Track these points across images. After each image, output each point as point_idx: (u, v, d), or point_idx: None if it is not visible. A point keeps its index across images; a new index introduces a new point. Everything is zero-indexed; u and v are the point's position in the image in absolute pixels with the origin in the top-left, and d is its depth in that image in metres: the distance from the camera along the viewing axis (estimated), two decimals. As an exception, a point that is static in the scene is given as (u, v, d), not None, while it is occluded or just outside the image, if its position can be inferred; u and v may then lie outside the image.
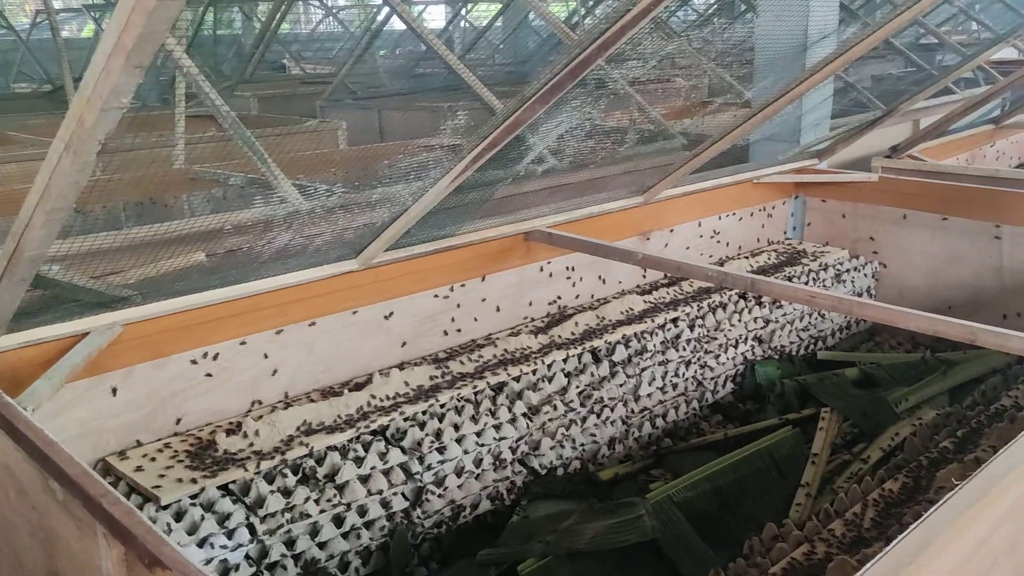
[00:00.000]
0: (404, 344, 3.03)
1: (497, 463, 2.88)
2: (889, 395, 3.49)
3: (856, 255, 4.44)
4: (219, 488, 2.34)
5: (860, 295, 4.39)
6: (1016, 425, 2.53)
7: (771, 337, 3.92)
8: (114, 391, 2.43)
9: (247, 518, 2.31)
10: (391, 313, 3.00)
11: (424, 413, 2.77)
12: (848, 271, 4.31)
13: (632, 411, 3.31)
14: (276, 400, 2.75)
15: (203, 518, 2.25)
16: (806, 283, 4.09)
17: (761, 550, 2.18)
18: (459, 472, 2.79)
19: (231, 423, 2.58)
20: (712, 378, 3.68)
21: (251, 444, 2.46)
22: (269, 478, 2.43)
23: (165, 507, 2.25)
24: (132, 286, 2.33)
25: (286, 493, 2.40)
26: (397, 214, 2.60)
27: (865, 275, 4.40)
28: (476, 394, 2.89)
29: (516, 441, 2.93)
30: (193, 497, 2.29)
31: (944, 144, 5.53)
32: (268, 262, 2.57)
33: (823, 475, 3.00)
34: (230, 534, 2.29)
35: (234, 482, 2.38)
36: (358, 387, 2.81)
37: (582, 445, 3.15)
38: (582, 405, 3.12)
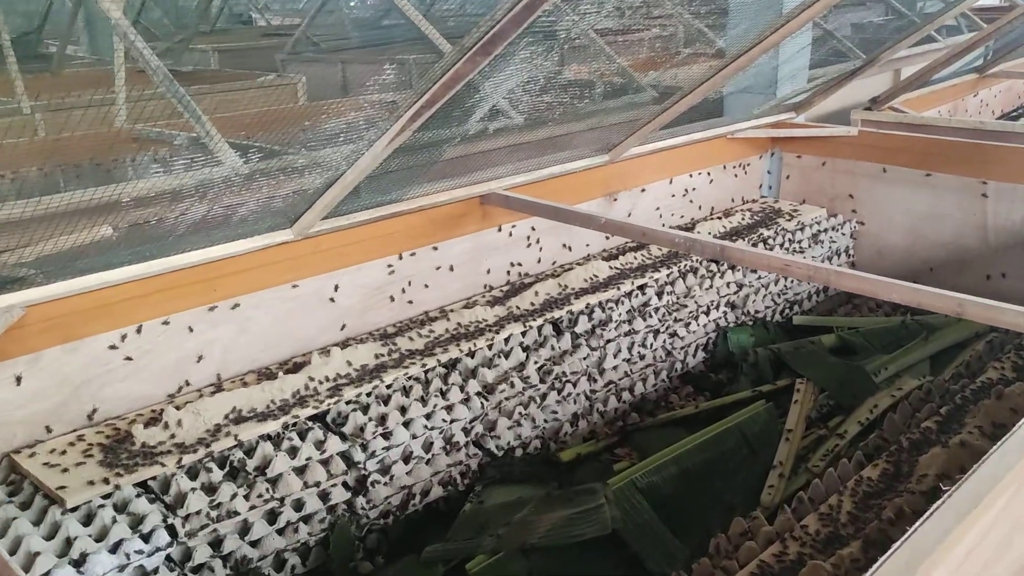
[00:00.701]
0: (349, 320, 2.80)
1: (449, 446, 2.67)
2: (868, 364, 3.31)
3: (834, 213, 4.24)
4: (135, 486, 2.12)
5: (838, 255, 4.20)
6: (1003, 402, 2.35)
7: (744, 302, 3.73)
8: (18, 379, 2.19)
9: (166, 519, 2.10)
10: (336, 286, 2.77)
11: (368, 395, 2.55)
12: (826, 231, 4.11)
13: (596, 386, 3.11)
14: (207, 384, 2.52)
15: (115, 521, 2.03)
16: (782, 245, 3.88)
17: (728, 549, 2.00)
18: (407, 458, 2.58)
19: (153, 412, 2.35)
20: (682, 347, 3.48)
21: (172, 436, 2.24)
22: (192, 473, 2.21)
23: (72, 510, 2.03)
24: (30, 264, 2.08)
25: (211, 490, 2.19)
26: (331, 180, 2.36)
27: (843, 234, 4.20)
28: (426, 373, 2.68)
29: (470, 422, 2.73)
30: (105, 497, 2.07)
31: (926, 96, 5.31)
32: (190, 233, 2.33)
33: (797, 452, 2.82)
34: (146, 537, 2.08)
35: (153, 479, 2.16)
36: (295, 368, 2.59)
37: (542, 424, 2.95)
38: (542, 381, 2.91)
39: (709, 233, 3.75)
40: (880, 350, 3.46)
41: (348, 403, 2.50)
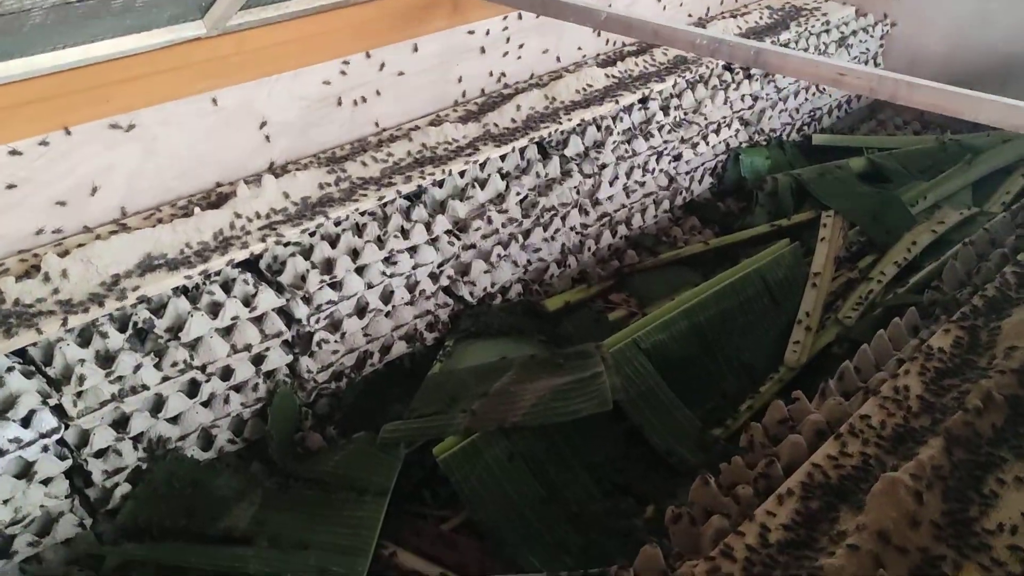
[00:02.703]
0: (285, 140, 2.25)
1: (413, 296, 2.21)
2: (903, 192, 2.84)
3: (864, 12, 3.63)
4: (8, 357, 1.65)
5: (865, 64, 3.63)
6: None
7: (759, 119, 3.19)
8: None
9: (47, 399, 1.65)
10: (267, 96, 2.20)
11: (311, 236, 2.05)
12: (855, 33, 3.52)
13: (588, 219, 2.63)
14: (103, 222, 1.99)
15: (-21, 404, 1.58)
16: (805, 50, 3.31)
17: (763, 441, 1.59)
18: (361, 311, 2.12)
19: (26, 261, 1.84)
20: (687, 172, 2.98)
21: (55, 291, 1.74)
22: (83, 339, 1.74)
23: (-79, 391, 1.57)
24: None
25: (107, 360, 1.73)
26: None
27: (872, 36, 3.61)
28: (383, 207, 2.17)
29: (438, 267, 2.25)
30: (-36, 374, 1.61)
31: None
32: (57, 24, 1.73)
33: (825, 300, 2.40)
34: (25, 422, 1.63)
35: (34, 344, 1.69)
36: (217, 202, 2.06)
37: (524, 266, 2.48)
38: (525, 216, 2.42)
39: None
40: (916, 176, 2.98)
41: (286, 246, 2.01)
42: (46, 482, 1.69)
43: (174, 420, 1.86)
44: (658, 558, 1.33)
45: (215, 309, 1.86)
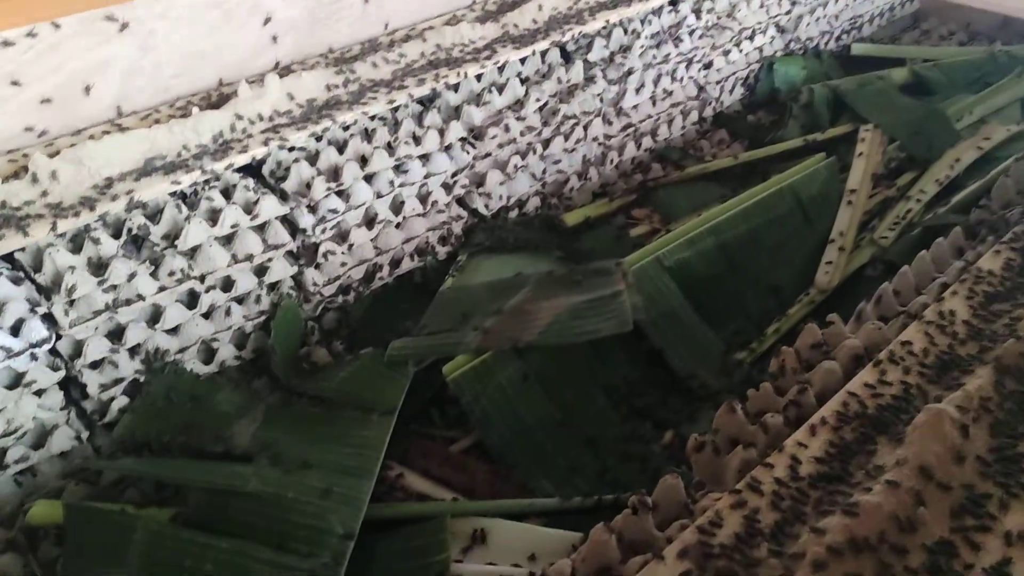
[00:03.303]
0: (291, 38, 2.11)
1: (425, 207, 2.10)
2: (948, 106, 2.67)
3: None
4: (-5, 262, 1.57)
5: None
6: None
7: (796, 25, 3.00)
8: None
9: (35, 306, 1.56)
10: (273, -11, 2.05)
11: (317, 140, 1.93)
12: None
13: (612, 130, 2.48)
14: (96, 123, 1.88)
15: (-36, 312, 1.50)
16: (848, -48, 3.09)
17: (795, 366, 1.48)
18: (369, 222, 2.01)
19: (15, 161, 1.74)
20: (718, 81, 2.81)
21: (44, 193, 1.64)
22: (75, 244, 1.65)
23: (-97, 296, 1.49)
24: None
25: (100, 267, 1.63)
26: None
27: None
28: (394, 111, 2.04)
29: (452, 176, 2.13)
30: (-52, 279, 1.53)
31: None
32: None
33: (860, 219, 2.27)
34: (14, 331, 1.55)
35: (22, 250, 1.60)
36: (218, 103, 1.94)
37: (543, 178, 2.36)
38: (545, 124, 2.29)
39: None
40: (963, 89, 2.81)
41: (290, 151, 1.89)
42: (39, 393, 1.62)
43: (173, 332, 1.77)
44: (678, 489, 1.25)
45: (214, 216, 1.75)
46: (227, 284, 1.82)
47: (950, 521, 1.13)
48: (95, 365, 1.68)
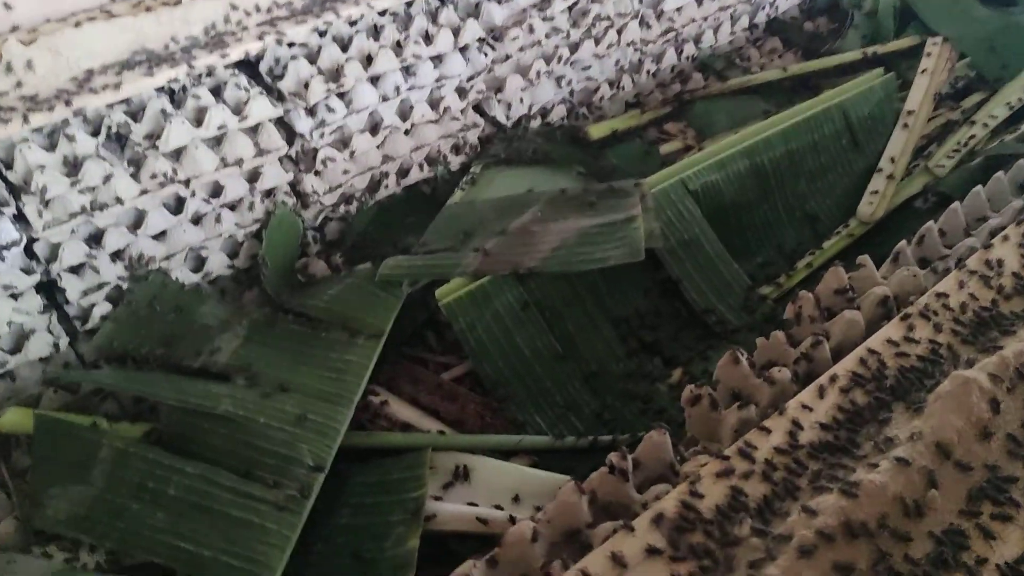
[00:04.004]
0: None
1: (438, 113, 1.95)
2: (1030, 20, 2.41)
3: None
4: (-37, 157, 1.48)
5: None
6: None
7: (868, -78, 2.71)
8: None
9: (3, 205, 1.48)
10: None
11: (320, 36, 1.78)
12: None
13: (650, 34, 2.28)
14: (75, 9, 1.75)
15: (-72, 210, 1.42)
16: None
17: (813, 314, 1.33)
18: (374, 128, 1.88)
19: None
20: (774, -16, 2.57)
21: (18, 84, 1.54)
22: (50, 141, 1.54)
23: None
24: None
25: (75, 166, 1.53)
26: None
27: None
28: (407, 6, 1.88)
29: (468, 80, 1.97)
30: (-87, 174, 1.44)
31: None
32: None
33: (916, 144, 2.06)
34: (-17, 231, 1.47)
35: (-6, 145, 1.51)
36: (211, -9, 1.79)
37: (571, 85, 2.18)
38: (574, 25, 2.09)
39: None
40: (1049, 1, 2.52)
41: (289, 46, 1.75)
42: (15, 297, 1.55)
43: (158, 238, 1.68)
44: (665, 446, 1.13)
45: (200, 116, 1.63)
46: (216, 189, 1.71)
47: (966, 506, 1.00)
48: (75, 270, 1.60)
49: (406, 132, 1.93)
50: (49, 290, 1.61)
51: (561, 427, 1.53)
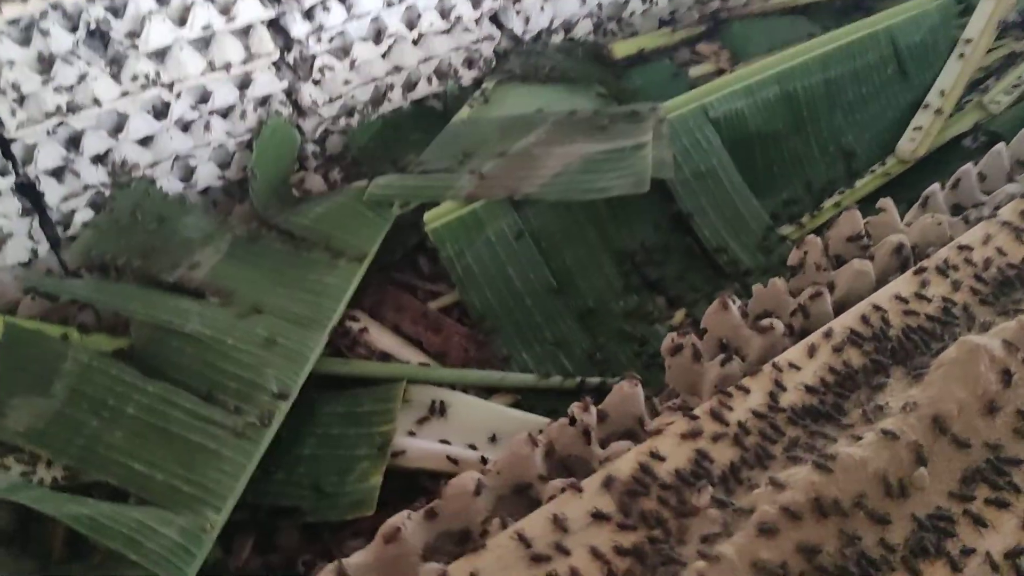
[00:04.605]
0: None
1: (449, 21, 1.82)
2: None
3: None
4: (-67, 50, 1.40)
5: None
6: None
7: None
8: None
9: (-26, 105, 1.41)
10: None
11: (319, -68, 1.66)
12: None
13: (689, -56, 2.10)
14: None
15: None
16: None
17: (821, 262, 1.20)
18: (377, 36, 1.76)
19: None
20: None
21: (-7, -26, 1.45)
22: (22, 35, 1.46)
23: None
24: None
25: (47, 63, 1.45)
26: None
27: None
28: (418, -98, 1.74)
29: (482, -13, 1.84)
30: None
31: None
32: None
33: (972, 77, 1.88)
34: (-48, 129, 1.41)
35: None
36: None
37: (597, -2, 2.02)
38: (602, -69, 1.93)
39: None
40: None
41: (285, -57, 1.63)
42: (-8, 199, 1.50)
43: (144, 144, 1.61)
44: (635, 399, 1.03)
45: (183, 15, 1.53)
46: (203, 95, 1.62)
47: (958, 489, 0.89)
48: (55, 174, 1.54)
49: (413, 42, 1.81)
50: (30, 194, 1.55)
51: (548, 366, 1.44)
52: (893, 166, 1.72)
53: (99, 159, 1.57)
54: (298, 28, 1.64)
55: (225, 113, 1.67)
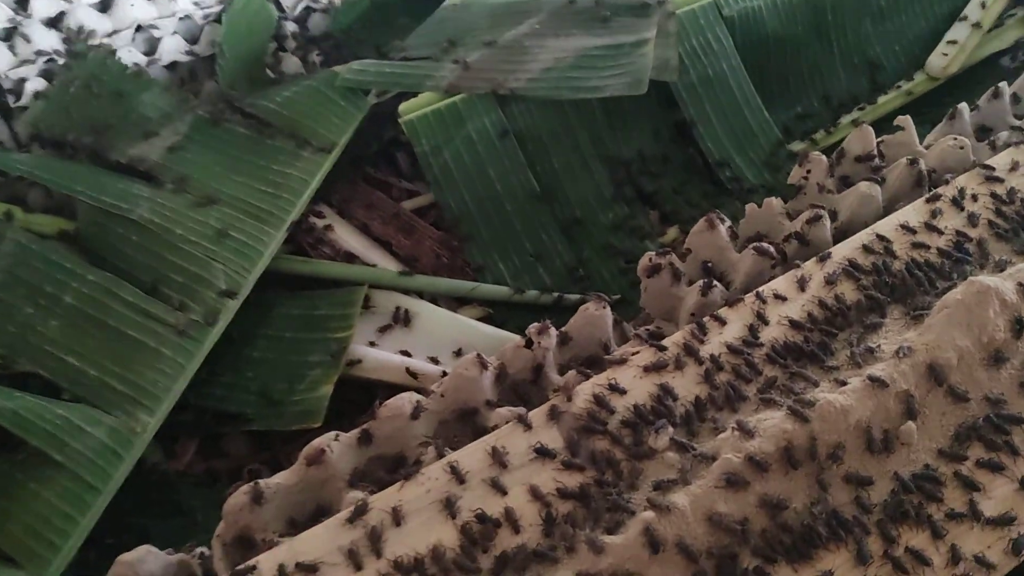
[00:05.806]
0: None
1: None
2: None
3: None
4: None
5: None
6: None
7: None
8: None
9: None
10: None
11: None
12: None
13: None
14: None
15: None
16: None
17: (822, 182, 1.08)
18: (364, -96, 1.60)
19: None
20: None
21: None
22: None
23: None
24: None
25: (-8, -86, 1.31)
26: None
27: None
28: None
29: None
30: None
31: None
32: None
33: (1018, -11, 1.70)
34: None
35: None
36: None
37: None
38: None
39: None
40: None
41: None
42: (-66, 60, 1.38)
43: (103, 10, 1.48)
44: (601, 322, 0.93)
45: None
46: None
47: (949, 447, 0.79)
48: (4, 37, 1.42)
49: (406, -86, 1.65)
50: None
51: (525, 278, 1.34)
52: (921, 83, 1.58)
53: (52, 22, 1.44)
54: None
55: (194, -19, 1.53)
